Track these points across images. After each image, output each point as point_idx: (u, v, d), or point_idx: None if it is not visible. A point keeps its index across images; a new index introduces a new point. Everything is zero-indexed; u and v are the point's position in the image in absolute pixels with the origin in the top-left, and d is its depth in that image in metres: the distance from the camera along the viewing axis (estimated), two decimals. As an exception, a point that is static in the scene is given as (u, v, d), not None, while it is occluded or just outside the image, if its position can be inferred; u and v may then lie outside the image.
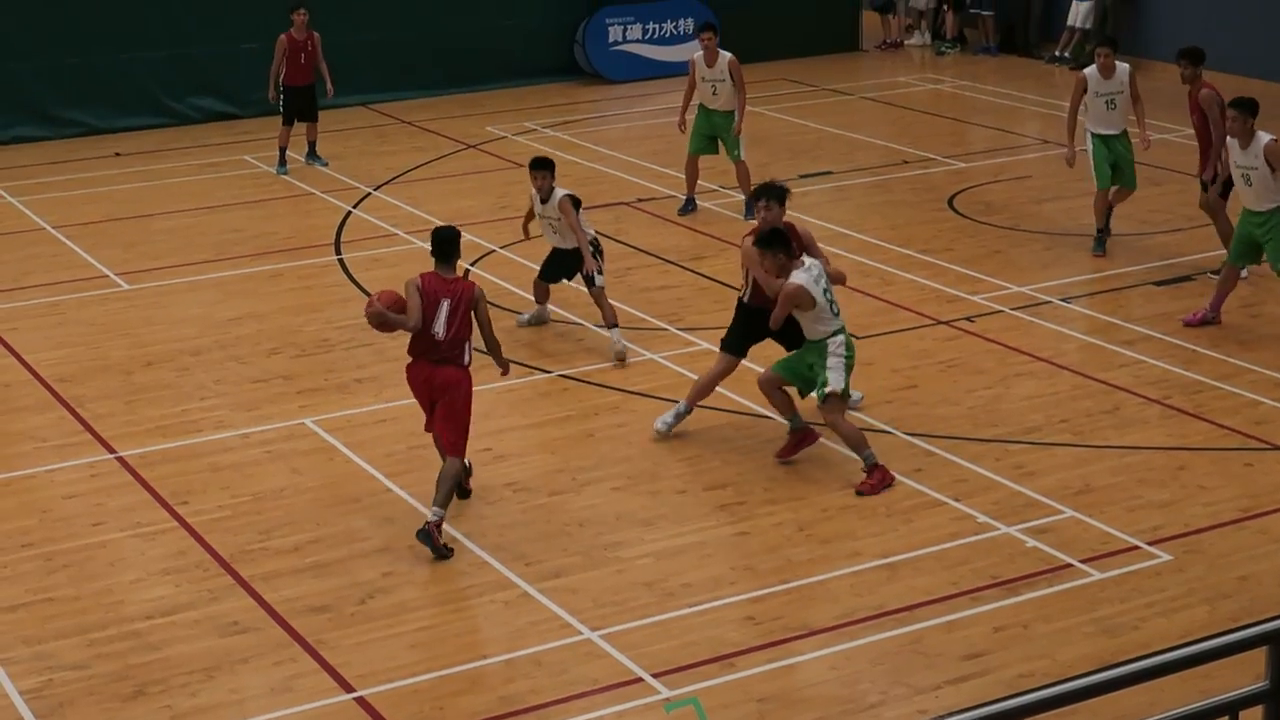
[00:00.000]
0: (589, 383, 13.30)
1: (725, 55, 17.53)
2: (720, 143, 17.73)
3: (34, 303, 15.61)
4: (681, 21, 25.51)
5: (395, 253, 16.81)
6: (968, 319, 14.45)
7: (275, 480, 11.72)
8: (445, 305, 10.63)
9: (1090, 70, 16.04)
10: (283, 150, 19.82)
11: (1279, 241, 13.77)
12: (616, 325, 13.89)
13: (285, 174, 19.72)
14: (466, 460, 11.08)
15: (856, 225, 17.22)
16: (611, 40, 25.08)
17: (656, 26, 25.37)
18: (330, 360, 13.96)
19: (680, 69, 25.31)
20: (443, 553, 10.49)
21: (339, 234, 17.50)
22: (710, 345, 14.01)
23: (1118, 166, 16.01)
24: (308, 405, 13.01)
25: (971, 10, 27.04)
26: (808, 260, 11.57)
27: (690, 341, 14.19)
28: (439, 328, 10.62)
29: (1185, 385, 13.03)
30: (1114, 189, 16.05)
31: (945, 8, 27.05)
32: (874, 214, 17.95)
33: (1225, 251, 14.68)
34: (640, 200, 18.47)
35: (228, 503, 11.37)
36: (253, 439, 12.42)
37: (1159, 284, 15.40)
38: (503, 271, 16.03)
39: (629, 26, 25.16)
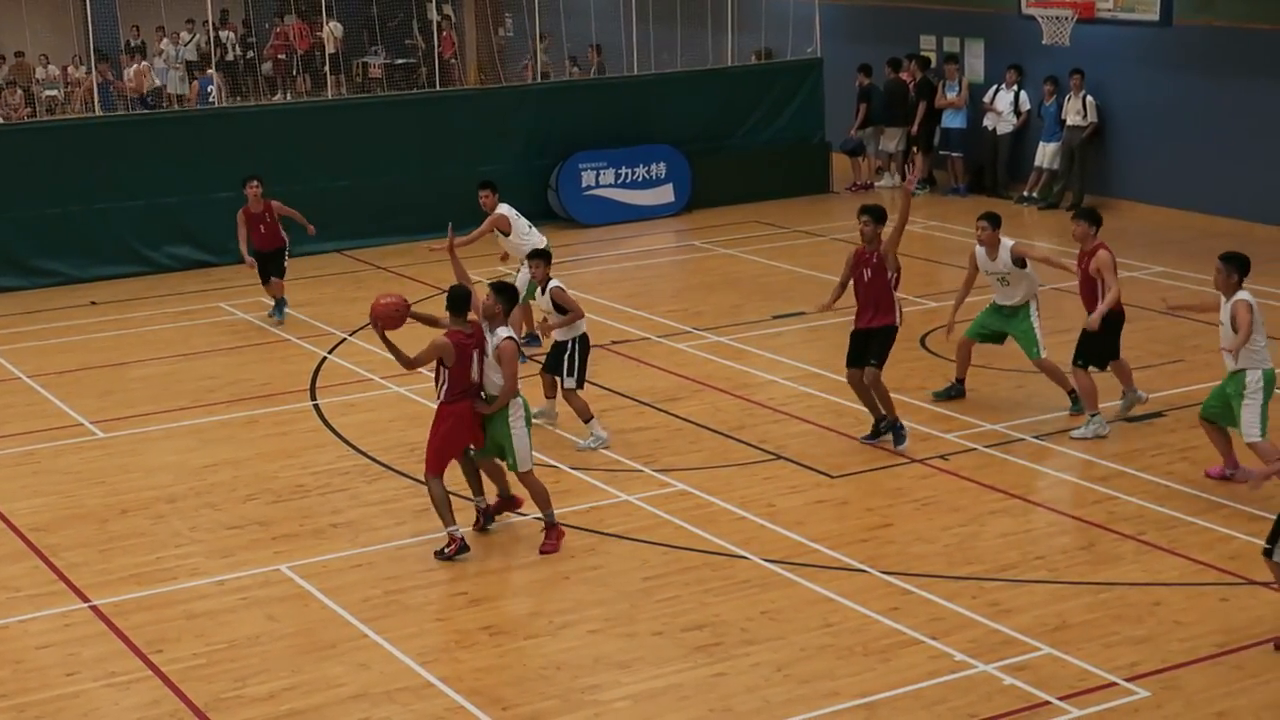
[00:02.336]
0: (565, 525, 13.29)
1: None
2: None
3: (9, 452, 15.59)
4: (654, 166, 25.81)
5: (370, 398, 16.86)
6: (942, 457, 14.51)
7: (250, 627, 11.66)
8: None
9: (979, 249, 15.61)
10: (277, 300, 19.97)
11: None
12: (592, 417, 15.01)
13: (281, 320, 19.85)
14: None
15: (830, 365, 17.30)
16: (584, 185, 25.34)
17: (629, 171, 25.65)
18: (306, 506, 13.95)
19: (653, 212, 25.70)
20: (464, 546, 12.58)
21: (314, 380, 17.55)
22: (686, 486, 14.06)
23: (1018, 339, 15.60)
24: (283, 551, 12.98)
25: (941, 152, 27.41)
26: None
27: (665, 483, 14.21)
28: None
29: (1159, 521, 13.07)
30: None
31: (914, 150, 27.41)
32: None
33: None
34: (614, 343, 18.57)
35: (202, 651, 11.30)
36: (228, 586, 12.37)
37: (1130, 420, 15.49)
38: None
39: (601, 171, 25.45)
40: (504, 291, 12.98)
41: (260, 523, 13.62)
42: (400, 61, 35.92)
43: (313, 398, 16.99)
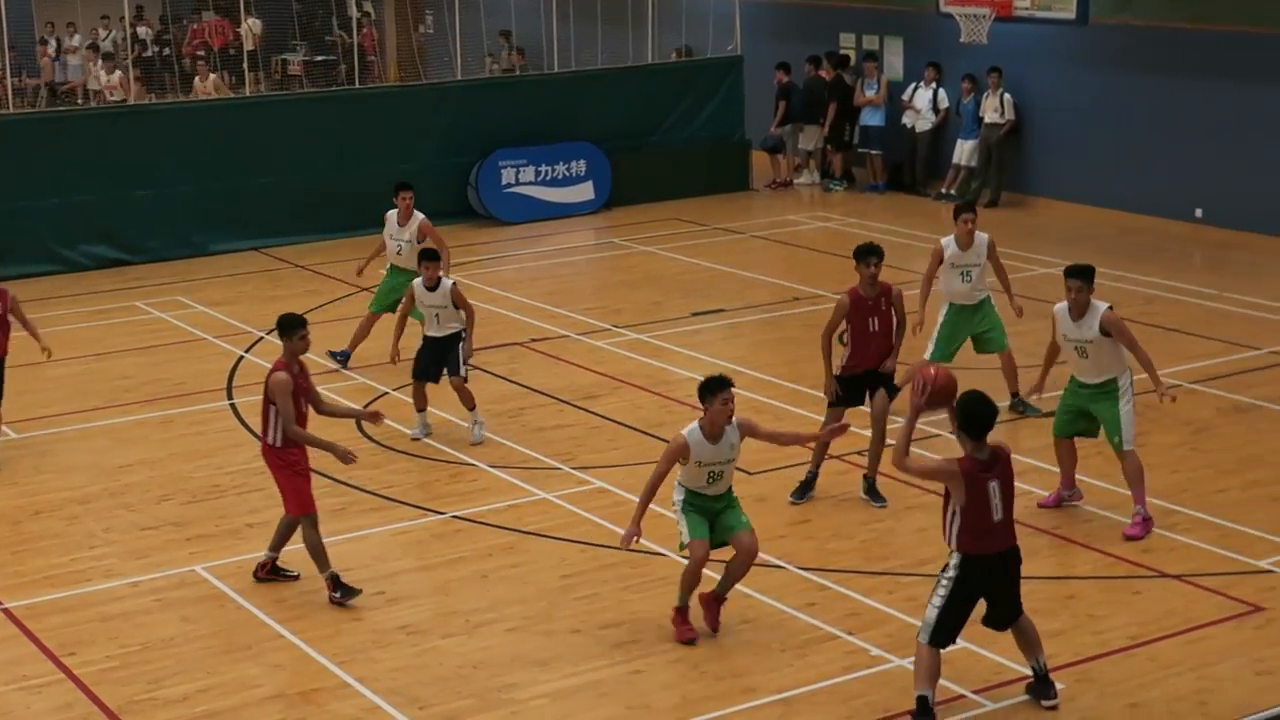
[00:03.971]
0: (483, 524, 13.27)
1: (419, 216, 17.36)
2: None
3: (-81, 453, 15.39)
4: (574, 164, 25.79)
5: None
6: (859, 453, 14.57)
7: (165, 629, 11.57)
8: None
9: (948, 240, 15.54)
10: None
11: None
12: (475, 408, 15.13)
13: None
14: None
15: (750, 362, 17.36)
16: (504, 183, 25.29)
17: (549, 169, 25.62)
18: (222, 506, 13.84)
19: (573, 210, 25.67)
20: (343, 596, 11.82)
21: (231, 379, 17.41)
22: (605, 484, 14.06)
23: (985, 336, 15.52)
24: (198, 552, 12.88)
25: (860, 149, 27.53)
26: None
27: (584, 480, 14.21)
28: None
29: (1074, 515, 13.18)
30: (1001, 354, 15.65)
31: (826, 148, 27.53)
32: (766, 351, 18.12)
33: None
34: (534, 340, 18.54)
35: (116, 653, 11.20)
36: (142, 587, 12.27)
37: (1047, 414, 15.58)
38: (396, 414, 16.00)
39: (521, 169, 25.40)
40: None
41: (175, 523, 13.51)
42: (320, 58, 35.74)
43: (229, 397, 16.86)
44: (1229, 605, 11.54)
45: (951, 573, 9.88)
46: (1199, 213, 23.23)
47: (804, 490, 13.73)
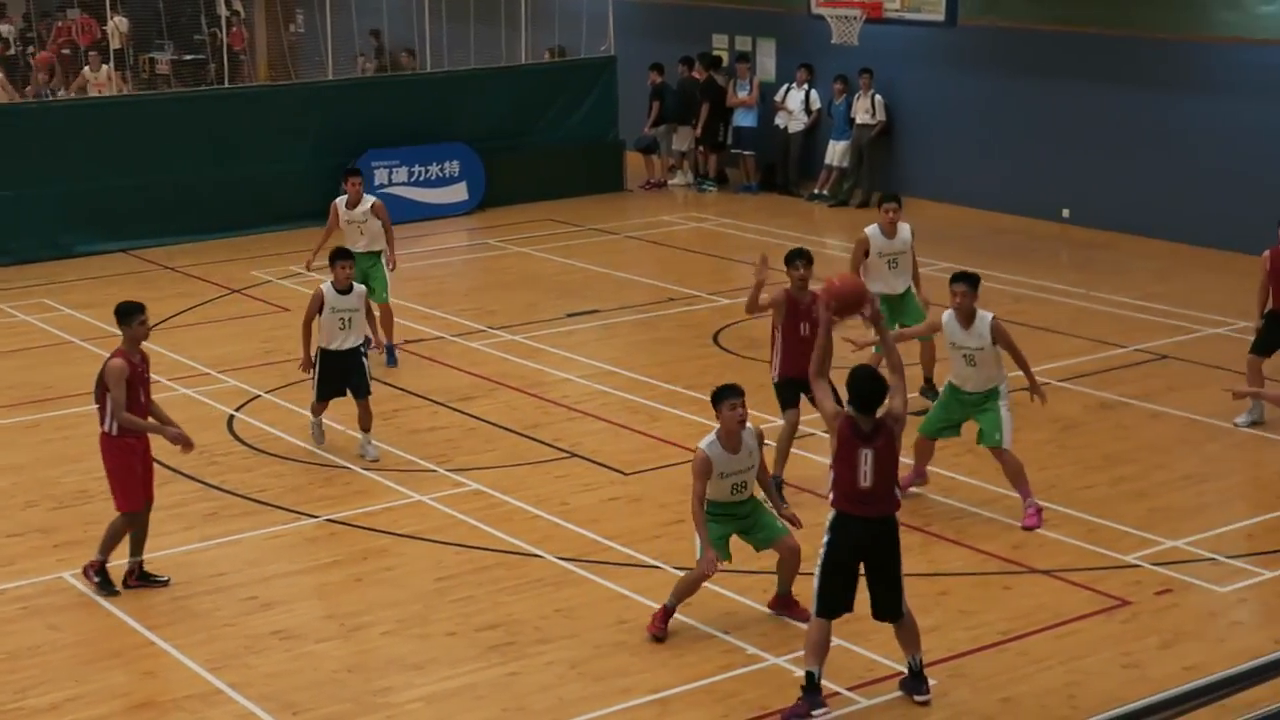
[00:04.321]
0: (357, 527, 13.18)
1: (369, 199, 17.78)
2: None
3: None
4: (447, 164, 25.67)
5: (157, 400, 16.45)
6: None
7: (31, 637, 11.37)
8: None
9: (872, 229, 15.74)
10: None
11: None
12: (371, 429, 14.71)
13: None
14: None
15: (624, 363, 17.38)
16: (377, 183, 25.09)
17: (422, 169, 25.49)
18: (89, 512, 13.61)
19: (447, 211, 25.56)
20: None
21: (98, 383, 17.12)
22: (480, 486, 14.01)
23: (907, 326, 15.54)
24: (66, 559, 12.67)
25: (733, 150, 27.65)
26: None
27: (460, 482, 14.15)
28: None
29: (946, 512, 13.32)
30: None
31: (699, 149, 27.64)
32: (641, 351, 18.15)
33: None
34: (408, 341, 18.42)
35: (-19, 662, 11.00)
36: (8, 595, 12.05)
37: (918, 414, 15.71)
38: (268, 416, 15.86)
39: (394, 169, 25.24)
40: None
41: (42, 530, 13.29)
42: (189, 57, 35.29)
43: (97, 401, 16.55)
44: (1097, 600, 11.73)
45: (826, 535, 10.07)
46: (1066, 213, 23.58)
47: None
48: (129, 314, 11.96)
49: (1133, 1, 22.47)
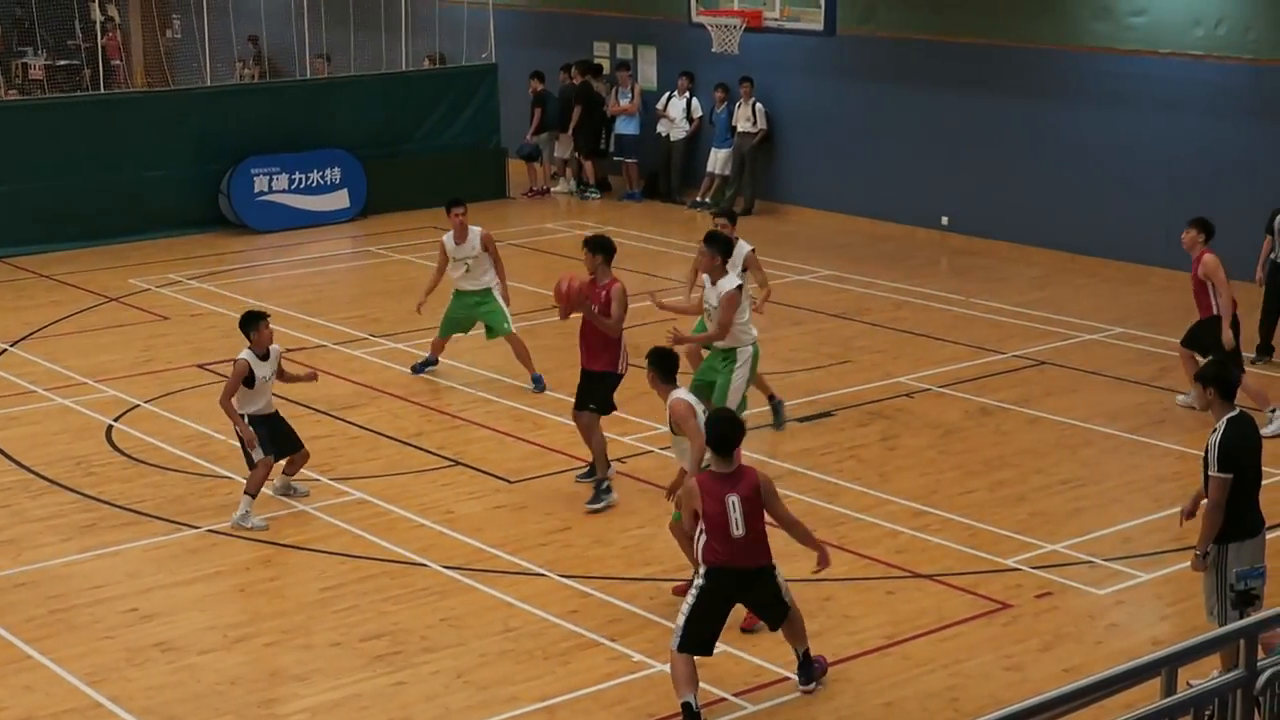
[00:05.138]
0: (239, 537, 13.05)
1: (476, 230, 16.93)
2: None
3: None
4: (328, 171, 25.50)
5: (33, 410, 16.28)
6: (619, 460, 14.63)
7: (-95, 652, 11.16)
8: None
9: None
10: None
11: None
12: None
13: None
14: None
15: (508, 370, 17.33)
16: (257, 191, 24.90)
17: (303, 176, 25.29)
18: (-30, 524, 13.40)
19: (328, 218, 25.39)
20: None
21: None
22: (364, 495, 13.94)
23: None
24: (-59, 572, 12.46)
25: (615, 158, 27.70)
26: None
27: (343, 491, 14.06)
28: None
29: (829, 518, 13.42)
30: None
31: (578, 156, 27.65)
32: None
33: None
34: (289, 350, 18.23)
35: None
36: (-120, 610, 11.82)
37: (801, 420, 15.88)
38: (147, 426, 15.68)
39: (275, 177, 25.02)
40: (662, 360, 11.89)
41: (-84, 543, 13.05)
42: (63, 63, 34.79)
43: (-29, 411, 16.32)
44: (978, 603, 11.86)
45: (699, 582, 10.04)
46: (945, 220, 23.84)
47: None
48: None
49: (1008, 11, 22.77)
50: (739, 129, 25.92)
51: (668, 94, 27.08)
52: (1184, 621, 11.39)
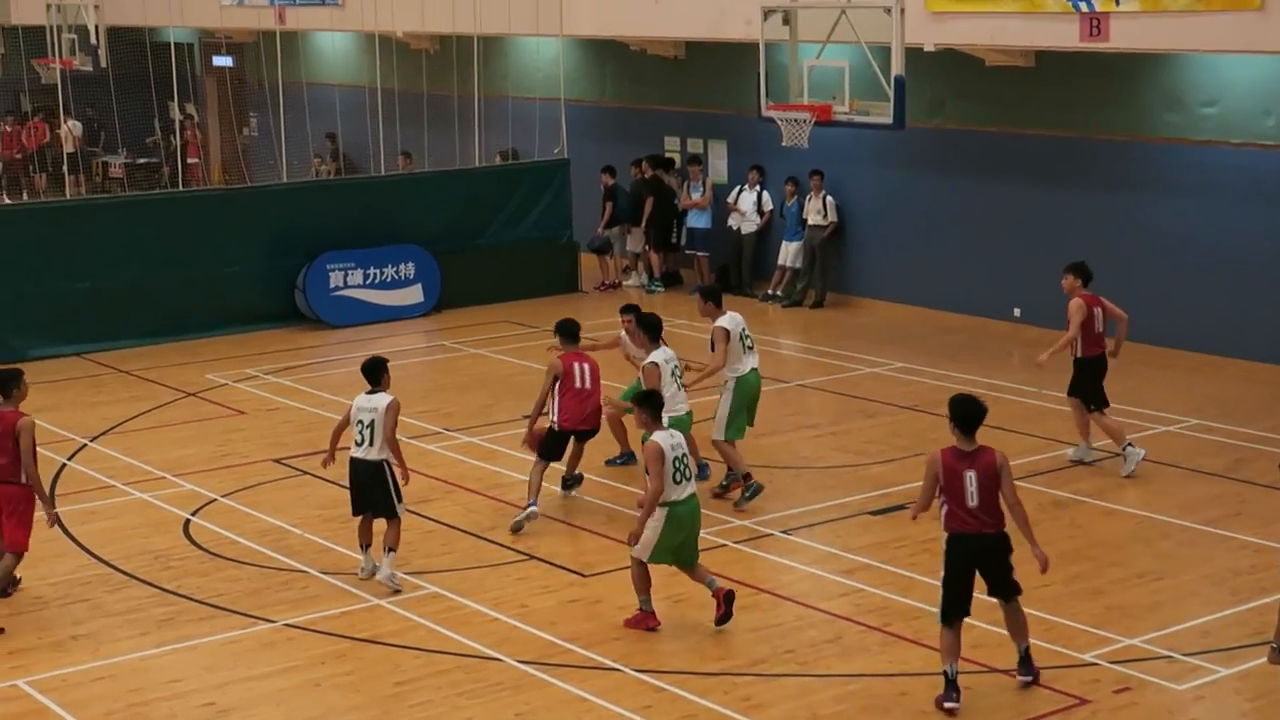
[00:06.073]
0: (315, 631, 13.11)
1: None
2: None
3: None
4: (402, 266, 25.76)
5: (111, 504, 16.46)
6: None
7: (-15, 746, 11.27)
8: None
9: (733, 317, 16.85)
10: None
11: None
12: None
13: None
14: None
15: (582, 465, 17.34)
16: (332, 286, 25.17)
17: (377, 271, 25.55)
18: (45, 617, 13.52)
19: (402, 313, 25.62)
20: None
21: (53, 487, 17.05)
22: (438, 589, 13.97)
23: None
24: (20, 665, 12.56)
25: (687, 251, 27.84)
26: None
27: (418, 585, 14.09)
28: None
29: (904, 612, 13.35)
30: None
31: (647, 249, 27.82)
32: (596, 453, 18.11)
33: None
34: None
35: (-65, 772, 10.88)
36: (-41, 703, 11.94)
37: (874, 513, 15.83)
38: (224, 520, 15.81)
39: (350, 272, 25.29)
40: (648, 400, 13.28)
41: (-4, 637, 13.18)
42: (142, 161, 35.41)
43: (52, 505, 16.49)
44: (1056, 699, 11.76)
45: (945, 553, 11.57)
46: (1017, 311, 23.79)
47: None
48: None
49: (1078, 103, 22.79)
50: (810, 222, 26.00)
51: (738, 188, 27.23)
52: (1264, 718, 11.25)
